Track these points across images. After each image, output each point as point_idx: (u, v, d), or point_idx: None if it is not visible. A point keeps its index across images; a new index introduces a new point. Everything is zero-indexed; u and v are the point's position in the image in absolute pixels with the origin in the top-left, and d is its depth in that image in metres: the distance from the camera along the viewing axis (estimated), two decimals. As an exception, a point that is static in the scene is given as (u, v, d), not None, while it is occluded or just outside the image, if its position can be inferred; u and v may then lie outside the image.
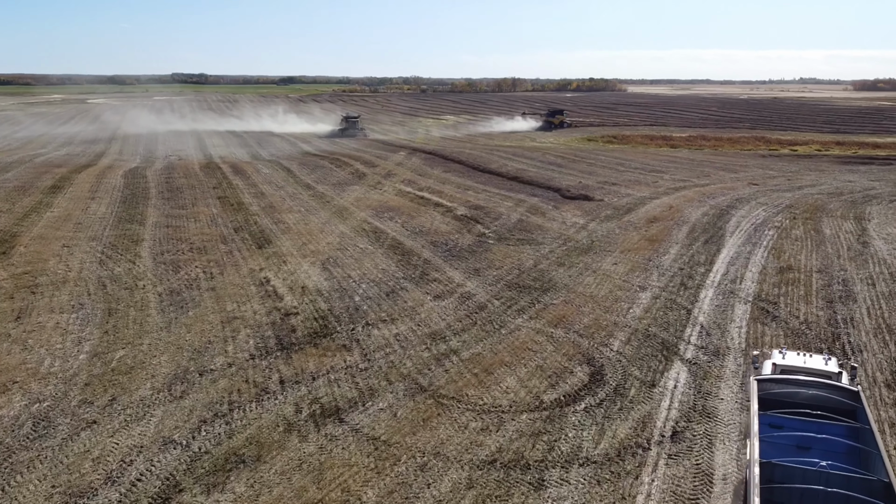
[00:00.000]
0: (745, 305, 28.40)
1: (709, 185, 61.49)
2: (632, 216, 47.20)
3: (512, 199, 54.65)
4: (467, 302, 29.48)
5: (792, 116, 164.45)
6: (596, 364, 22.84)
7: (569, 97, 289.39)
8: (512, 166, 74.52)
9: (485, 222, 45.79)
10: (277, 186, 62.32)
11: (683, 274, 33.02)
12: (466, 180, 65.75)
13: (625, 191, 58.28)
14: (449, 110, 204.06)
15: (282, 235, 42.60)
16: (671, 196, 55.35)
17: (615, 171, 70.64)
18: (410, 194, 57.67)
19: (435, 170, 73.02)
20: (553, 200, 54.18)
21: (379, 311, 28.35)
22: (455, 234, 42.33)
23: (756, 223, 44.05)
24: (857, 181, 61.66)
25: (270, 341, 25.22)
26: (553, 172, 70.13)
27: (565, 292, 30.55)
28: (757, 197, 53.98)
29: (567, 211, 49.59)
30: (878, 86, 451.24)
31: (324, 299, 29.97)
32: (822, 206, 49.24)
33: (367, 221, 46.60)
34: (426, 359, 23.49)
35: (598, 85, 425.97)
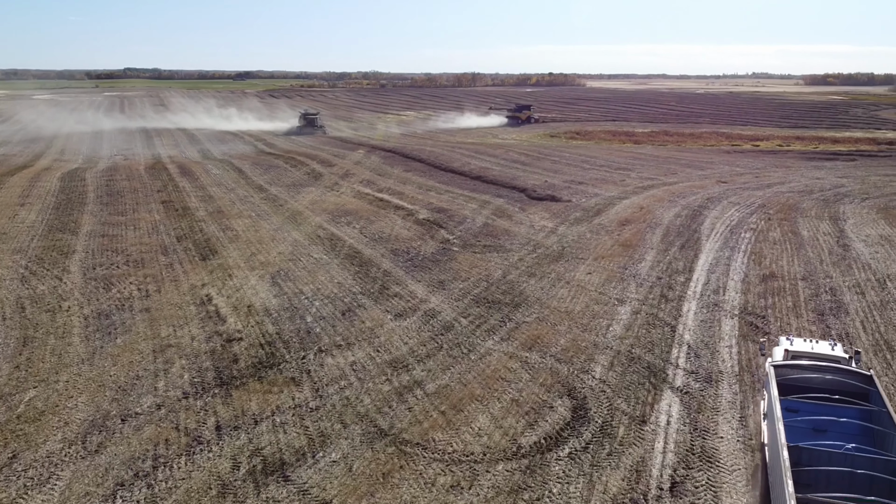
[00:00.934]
0: (731, 320, 26.28)
1: (677, 183, 59.84)
2: (602, 218, 45.02)
3: (476, 201, 52.06)
4: (432, 321, 26.75)
5: (749, 111, 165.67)
6: (578, 395, 20.34)
7: (528, 92, 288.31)
8: (475, 165, 71.98)
9: (449, 227, 43.09)
10: (227, 189, 58.62)
11: (663, 284, 30.83)
12: (428, 180, 62.96)
13: (592, 190, 56.21)
14: (409, 106, 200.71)
15: (229, 244, 39.22)
16: (640, 196, 53.44)
17: (581, 170, 68.65)
18: (369, 196, 54.64)
19: (395, 169, 70.04)
20: (519, 201, 51.76)
21: (333, 335, 25.42)
22: (417, 241, 39.53)
23: (731, 225, 42.26)
24: (825, 178, 60.72)
25: (208, 374, 22.12)
26: (517, 171, 67.80)
27: (538, 307, 28.04)
28: (728, 196, 52.41)
29: (534, 213, 47.20)
30: (827, 80, 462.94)
31: (272, 321, 26.90)
32: (796, 206, 47.83)
33: (322, 227, 43.46)
34: (386, 393, 20.69)
35: (557, 80, 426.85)
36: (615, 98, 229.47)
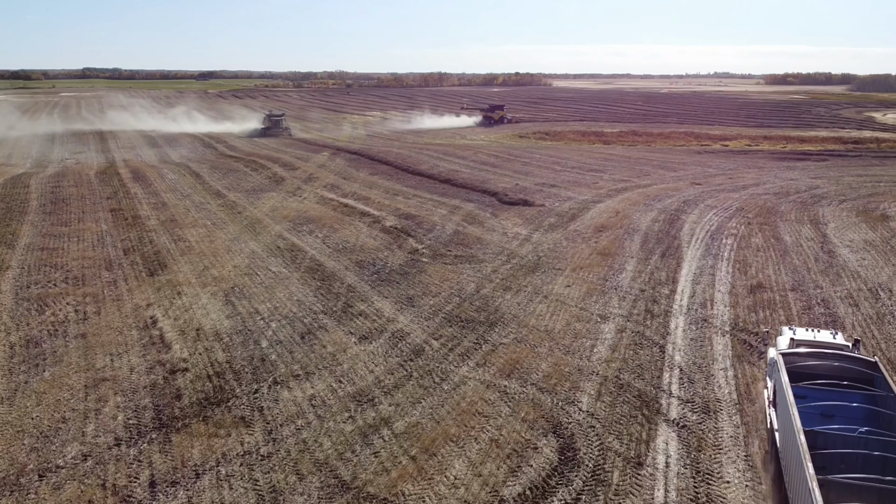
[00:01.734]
0: (723, 338, 24.43)
1: (651, 185, 58.36)
2: (578, 224, 43.12)
3: (446, 206, 49.80)
4: (400, 344, 24.39)
5: (715, 111, 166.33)
6: (564, 433, 18.19)
7: (495, 91, 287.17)
8: (444, 167, 69.73)
9: (417, 235, 40.75)
10: (183, 195, 55.43)
11: (646, 297, 28.92)
12: (395, 184, 60.52)
13: (565, 193, 54.37)
14: (375, 106, 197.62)
15: (180, 257, 36.34)
16: (615, 199, 51.74)
17: (552, 172, 66.85)
18: (333, 202, 52.01)
19: (361, 172, 67.43)
20: (490, 206, 49.64)
21: (291, 362, 22.91)
22: (384, 251, 37.11)
23: (711, 230, 40.69)
24: (799, 179, 59.82)
25: (146, 415, 19.46)
26: (487, 173, 65.72)
27: (516, 326, 25.87)
28: (704, 199, 50.99)
29: (507, 219, 45.10)
30: (787, 80, 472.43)
31: (223, 346, 24.28)
32: (774, 209, 46.53)
33: (282, 237, 40.77)
34: (349, 435, 18.29)
35: (524, 79, 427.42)
36: (582, 98, 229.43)
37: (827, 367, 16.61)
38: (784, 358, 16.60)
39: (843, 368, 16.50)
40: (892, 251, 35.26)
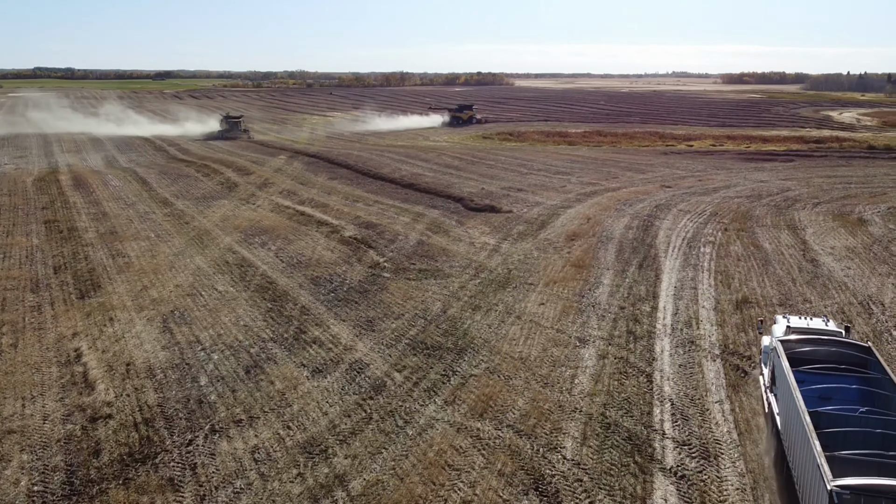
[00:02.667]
0: (714, 363, 22.32)
1: (620, 188, 56.59)
2: (548, 232, 40.89)
3: (409, 213, 47.17)
4: (359, 378, 21.71)
5: (677, 110, 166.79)
6: (548, 489, 15.75)
7: (458, 91, 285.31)
8: (406, 170, 67.06)
9: (378, 246, 38.04)
10: (126, 203, 51.73)
11: (627, 316, 26.72)
12: (355, 189, 57.66)
13: (533, 198, 52.21)
14: (336, 106, 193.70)
15: (117, 276, 33.04)
16: (585, 204, 49.74)
17: (518, 175, 64.71)
18: (289, 210, 48.95)
19: (319, 177, 64.36)
20: (456, 213, 47.17)
21: (233, 404, 20.06)
22: (342, 266, 34.33)
23: (687, 237, 38.84)
24: (769, 181, 58.68)
25: (55, 478, 16.45)
26: (452, 177, 63.29)
27: (487, 353, 23.39)
28: (676, 203, 49.30)
29: (473, 227, 42.67)
30: (743, 79, 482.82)
31: (155, 385, 21.29)
32: (749, 214, 44.99)
33: (232, 250, 37.67)
34: (297, 499, 15.56)
35: (486, 79, 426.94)
36: (545, 97, 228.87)
37: (823, 353, 17.41)
38: (784, 345, 17.25)
39: (839, 353, 17.36)
40: (876, 259, 33.77)
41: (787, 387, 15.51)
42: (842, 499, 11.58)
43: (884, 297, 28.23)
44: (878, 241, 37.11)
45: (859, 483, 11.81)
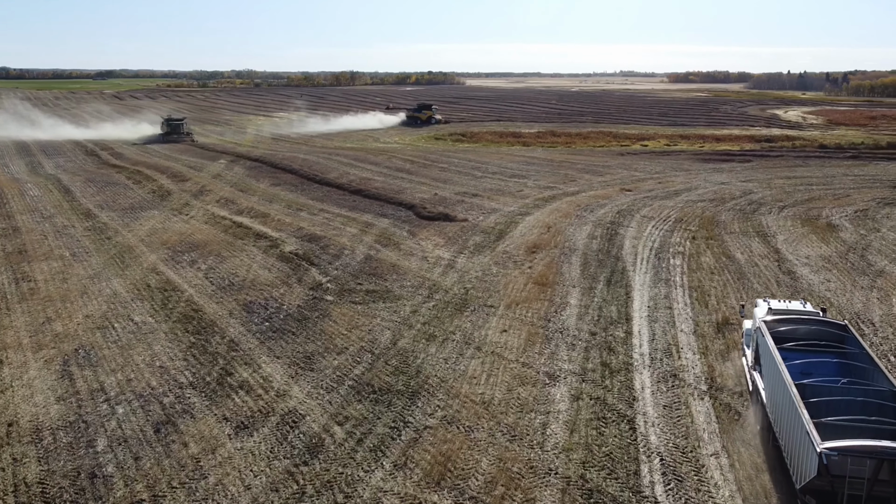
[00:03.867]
0: (703, 403, 19.60)
1: (579, 192, 54.14)
2: (507, 243, 37.96)
3: (356, 223, 43.67)
4: (291, 436, 18.23)
5: (628, 109, 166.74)
6: (523, 590, 12.62)
7: (409, 90, 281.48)
8: (355, 175, 63.42)
9: (321, 263, 34.49)
10: (43, 216, 46.81)
11: (599, 343, 23.88)
12: (300, 196, 53.82)
13: (489, 204, 49.29)
14: (284, 106, 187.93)
15: (18, 305, 28.73)
16: (543, 210, 47.03)
17: (473, 178, 61.77)
18: (225, 221, 44.86)
19: (261, 183, 60.20)
20: (407, 222, 43.86)
21: (134, 477, 16.37)
22: (280, 287, 30.69)
23: (654, 247, 36.39)
24: (730, 182, 57.07)
25: None
26: (403, 182, 59.95)
27: (444, 396, 20.20)
28: (638, 208, 47.00)
29: (426, 238, 39.45)
30: (689, 78, 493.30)
31: (40, 454, 17.42)
32: (715, 219, 42.91)
33: (156, 270, 33.60)
34: None
35: (437, 78, 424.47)
36: (497, 97, 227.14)
37: (803, 331, 18.58)
38: (767, 325, 18.31)
39: (818, 331, 18.60)
40: (854, 270, 31.82)
41: (772, 363, 16.46)
42: (830, 460, 12.59)
43: (871, 314, 26.09)
44: (853, 249, 35.30)
45: (845, 445, 12.87)
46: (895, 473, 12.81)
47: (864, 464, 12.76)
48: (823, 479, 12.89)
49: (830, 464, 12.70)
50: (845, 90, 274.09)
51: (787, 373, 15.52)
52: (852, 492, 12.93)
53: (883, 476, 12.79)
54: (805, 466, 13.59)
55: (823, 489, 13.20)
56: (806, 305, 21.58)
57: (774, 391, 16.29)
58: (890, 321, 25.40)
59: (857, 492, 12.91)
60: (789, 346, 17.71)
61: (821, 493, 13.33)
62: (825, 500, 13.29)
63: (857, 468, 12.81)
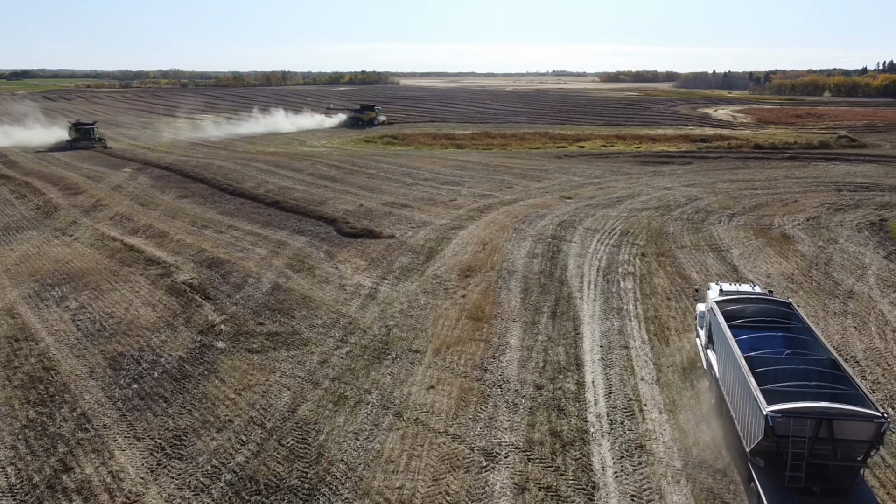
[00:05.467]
0: (679, 488, 15.51)
1: (516, 201, 50.18)
2: (437, 265, 33.49)
3: (268, 242, 38.41)
4: (134, 573, 13.16)
5: (563, 109, 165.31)
6: None
7: (342, 90, 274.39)
8: (273, 184, 57.83)
9: (219, 296, 29.22)
10: None
11: (547, 401, 19.61)
12: (208, 210, 48.01)
13: (419, 216, 44.74)
14: (209, 108, 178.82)
15: None
16: (478, 223, 42.79)
17: (403, 186, 57.11)
18: (115, 243, 38.83)
19: (167, 195, 53.95)
20: (326, 240, 38.87)
21: None
22: (162, 332, 25.31)
23: (602, 267, 32.56)
24: (672, 187, 54.18)
25: None
26: (326, 191, 54.79)
27: (351, 495, 15.46)
28: (580, 219, 43.29)
29: (346, 260, 34.59)
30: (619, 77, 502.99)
31: None
32: (663, 231, 39.52)
33: (13, 311, 27.67)
34: None
35: (371, 78, 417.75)
36: (431, 97, 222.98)
37: (752, 310, 19.59)
38: (719, 305, 19.31)
39: (765, 309, 19.62)
40: (822, 291, 28.67)
41: (724, 339, 17.39)
42: (775, 421, 13.55)
43: (853, 348, 22.75)
44: (815, 265, 32.32)
45: (788, 407, 13.78)
46: (833, 432, 13.56)
47: (805, 424, 13.61)
48: (770, 440, 13.80)
49: (776, 425, 13.60)
50: (768, 89, 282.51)
51: (737, 347, 16.49)
52: (796, 450, 13.73)
53: (822, 435, 13.59)
54: (754, 430, 14.45)
55: (770, 450, 14.13)
56: (755, 287, 23.00)
57: (726, 365, 17.26)
58: (875, 357, 22.10)
59: (800, 450, 13.71)
60: (739, 323, 18.77)
61: (768, 453, 14.30)
62: (772, 461, 14.27)
63: (800, 428, 13.63)
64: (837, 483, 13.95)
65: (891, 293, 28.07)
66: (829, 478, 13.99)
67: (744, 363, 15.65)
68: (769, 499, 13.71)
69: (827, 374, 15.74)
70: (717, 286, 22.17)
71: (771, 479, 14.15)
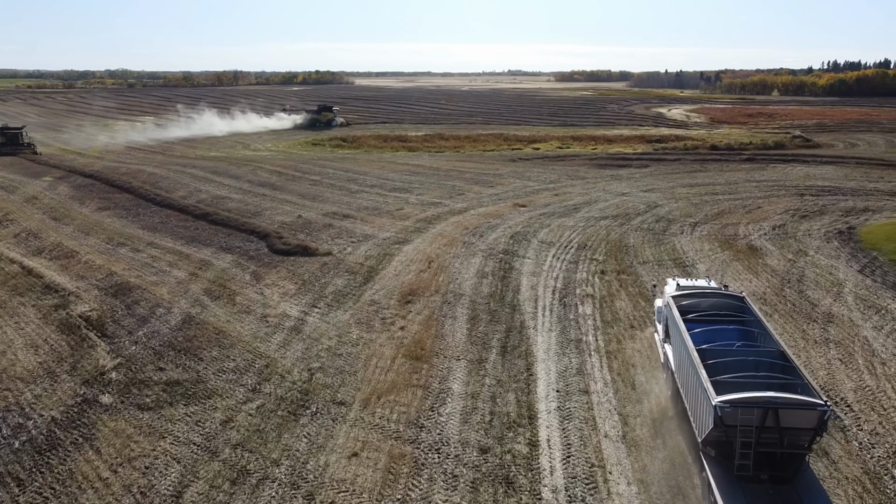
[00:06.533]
0: None
1: (467, 209, 46.90)
2: (376, 288, 29.92)
3: (189, 262, 34.32)
4: None
5: (518, 109, 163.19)
6: None
7: (295, 91, 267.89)
8: (207, 193, 53.45)
9: (118, 333, 25.13)
10: None
11: (493, 471, 16.22)
12: (128, 224, 43.48)
13: (362, 229, 41.09)
14: (152, 109, 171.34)
15: None
16: (426, 236, 39.35)
17: (347, 193, 53.33)
18: (12, 266, 34.21)
19: (86, 207, 49.11)
20: (255, 259, 34.95)
21: None
22: (41, 383, 21.17)
23: (558, 288, 29.43)
24: (631, 193, 51.58)
25: None
26: (264, 200, 50.70)
27: None
28: (535, 229, 40.21)
29: (274, 284, 30.76)
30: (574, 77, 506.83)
31: None
32: (623, 244, 36.66)
33: None
34: None
35: (325, 78, 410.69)
36: (386, 97, 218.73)
37: (706, 304, 20.21)
38: (674, 300, 19.97)
39: (719, 303, 20.32)
40: (799, 313, 26.00)
41: (678, 332, 17.96)
42: (723, 411, 13.87)
43: (842, 387, 19.97)
44: (787, 282, 29.74)
45: (735, 397, 14.12)
46: (779, 421, 13.75)
47: (752, 413, 13.79)
48: (719, 429, 14.01)
49: (724, 415, 13.81)
50: (719, 88, 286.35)
51: (690, 340, 16.81)
52: (744, 439, 13.92)
53: (769, 423, 13.77)
54: (704, 420, 14.67)
55: (720, 440, 14.29)
56: (710, 282, 23.53)
57: (680, 358, 17.53)
58: (867, 398, 19.35)
59: (747, 439, 13.90)
60: (694, 317, 18.98)
61: (719, 443, 14.45)
62: (723, 450, 14.43)
63: (747, 418, 13.82)
64: (784, 470, 14.14)
65: (872, 315, 25.55)
66: (776, 466, 14.17)
67: (696, 355, 15.93)
68: (719, 487, 13.78)
69: (776, 365, 16.16)
70: (675, 281, 23.00)
71: (721, 468, 14.32)
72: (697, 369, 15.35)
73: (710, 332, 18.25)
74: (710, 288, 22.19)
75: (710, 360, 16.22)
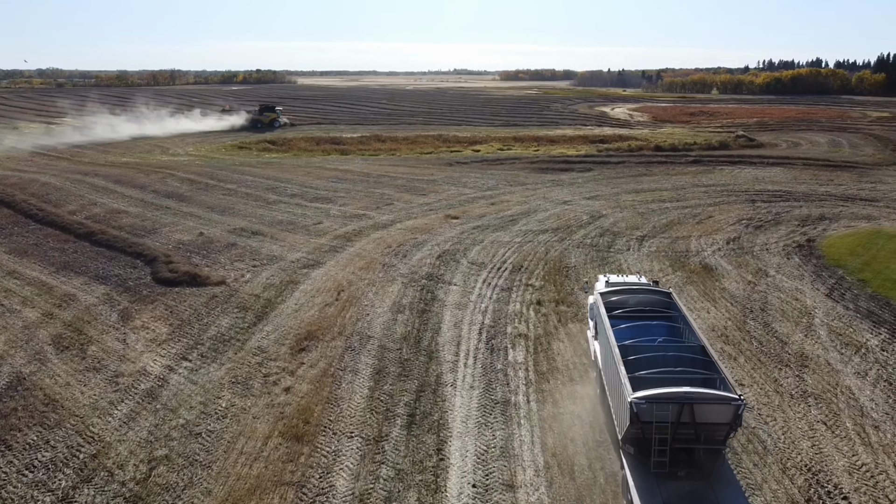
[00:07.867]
0: None
1: (393, 223, 41.91)
2: (268, 329, 24.65)
3: (51, 297, 28.40)
4: None
5: (460, 108, 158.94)
6: None
7: (234, 90, 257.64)
8: (102, 206, 47.06)
9: (-85, 407, 19.19)
10: None
11: None
12: (-7, 249, 36.97)
13: (269, 249, 35.71)
14: (75, 110, 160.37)
15: None
16: (341, 256, 34.22)
17: (263, 205, 47.68)
18: None
19: (-53, 226, 42.16)
20: (131, 291, 29.21)
21: None
22: None
23: (485, 325, 24.72)
24: (573, 202, 47.40)
25: None
26: (165, 214, 44.66)
27: None
28: (466, 247, 35.51)
29: (143, 326, 25.16)
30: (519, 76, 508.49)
31: None
32: (563, 265, 32.24)
33: None
34: None
35: (266, 77, 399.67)
36: (326, 96, 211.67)
37: (635, 300, 20.10)
38: (602, 296, 19.91)
39: (647, 299, 20.17)
40: (767, 355, 21.87)
41: (604, 329, 17.78)
42: (639, 407, 13.70)
43: (832, 465, 15.75)
44: (749, 311, 25.72)
45: (650, 393, 13.89)
46: (694, 416, 13.66)
47: (667, 409, 13.67)
48: (636, 426, 13.88)
49: (640, 411, 13.69)
50: (660, 87, 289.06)
51: (614, 336, 16.82)
52: (660, 435, 13.76)
53: (685, 419, 13.69)
54: (623, 417, 14.51)
55: (638, 436, 14.18)
56: (641, 278, 23.50)
57: (605, 355, 17.52)
58: (866, 480, 15.16)
59: (664, 435, 13.75)
60: (621, 313, 19.03)
61: (637, 440, 14.30)
62: (641, 447, 14.27)
63: (663, 414, 13.69)
64: (701, 467, 13.95)
65: (852, 356, 21.63)
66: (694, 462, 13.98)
67: (617, 351, 15.88)
68: (637, 485, 13.51)
69: (698, 361, 16.10)
70: (605, 278, 23.16)
71: (640, 465, 14.06)
72: (617, 365, 15.30)
73: (636, 329, 18.18)
74: (640, 284, 22.20)
75: (632, 356, 16.25)
